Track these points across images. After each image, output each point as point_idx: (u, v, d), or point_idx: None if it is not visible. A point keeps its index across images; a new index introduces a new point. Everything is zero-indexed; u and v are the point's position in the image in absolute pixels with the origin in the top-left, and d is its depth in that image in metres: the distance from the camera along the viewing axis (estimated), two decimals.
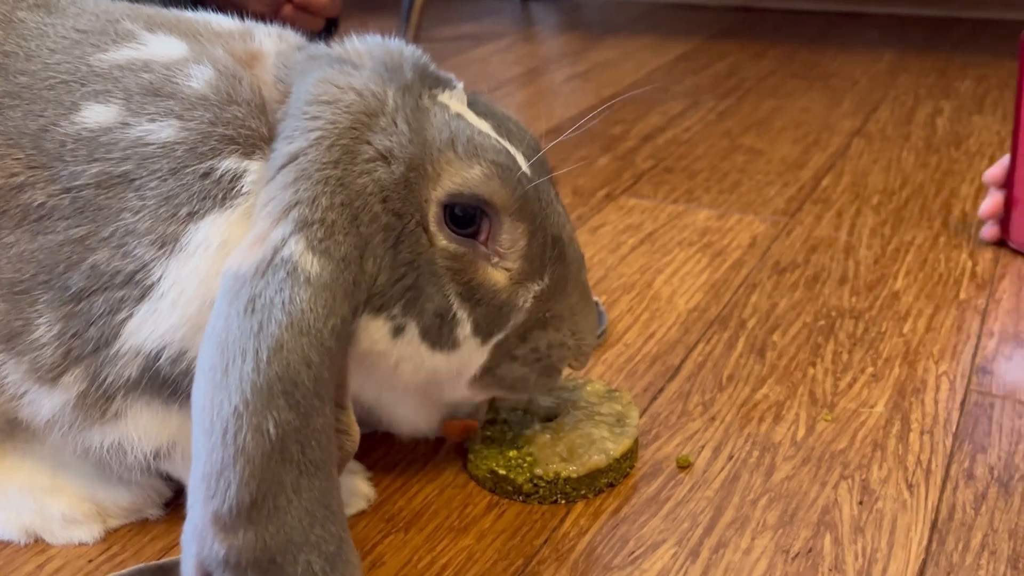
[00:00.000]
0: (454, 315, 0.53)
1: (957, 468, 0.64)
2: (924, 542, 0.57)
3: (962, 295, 0.87)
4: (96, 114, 0.50)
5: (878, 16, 2.11)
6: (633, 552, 0.57)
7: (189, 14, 0.57)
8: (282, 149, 0.49)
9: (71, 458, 0.59)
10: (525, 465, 0.61)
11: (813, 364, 0.76)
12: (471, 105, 0.57)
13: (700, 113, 1.44)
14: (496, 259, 0.54)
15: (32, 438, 0.60)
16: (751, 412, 0.70)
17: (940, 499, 0.61)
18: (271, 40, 0.56)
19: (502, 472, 0.61)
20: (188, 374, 0.50)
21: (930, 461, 0.64)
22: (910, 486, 0.62)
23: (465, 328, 0.53)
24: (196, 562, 0.43)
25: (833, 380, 0.74)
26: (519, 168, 0.54)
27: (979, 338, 0.79)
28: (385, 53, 0.54)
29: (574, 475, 0.60)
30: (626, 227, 1.04)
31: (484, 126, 0.55)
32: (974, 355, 0.77)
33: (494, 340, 0.55)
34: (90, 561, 0.58)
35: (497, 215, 0.53)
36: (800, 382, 0.74)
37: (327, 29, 1.42)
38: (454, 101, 0.55)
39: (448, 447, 0.67)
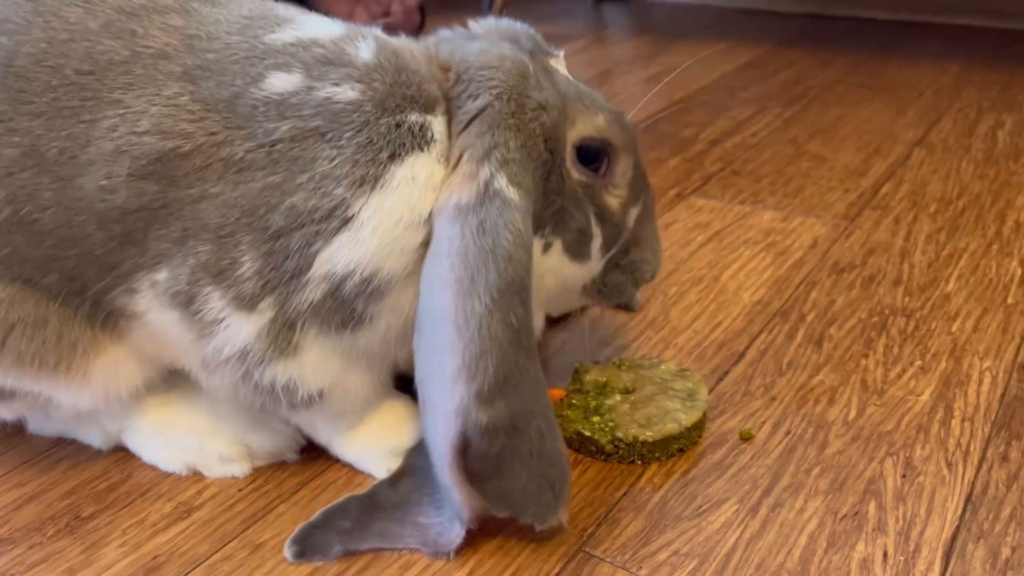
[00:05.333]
0: (591, 232, 0.67)
1: (993, 451, 0.71)
2: (959, 511, 0.65)
3: (1010, 300, 0.93)
4: (281, 81, 0.59)
5: (945, 26, 2.14)
6: (701, 507, 0.66)
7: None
8: (469, 105, 0.61)
9: (225, 408, 0.70)
10: (607, 429, 0.71)
11: (866, 355, 0.84)
12: None
13: (767, 119, 1.52)
14: (611, 188, 0.68)
15: (192, 389, 0.71)
16: (808, 395, 0.78)
17: (976, 476, 0.69)
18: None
19: (587, 434, 0.71)
20: (370, 296, 0.60)
21: (969, 444, 0.72)
22: (949, 464, 0.70)
23: (597, 242, 0.68)
24: (457, 432, 0.55)
25: (884, 370, 0.82)
26: (625, 114, 0.68)
27: (1023, 339, 0.86)
28: (504, 29, 0.68)
29: (650, 439, 0.70)
30: (695, 225, 1.12)
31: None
32: (1016, 354, 0.84)
33: (609, 254, 0.70)
34: (240, 490, 0.68)
35: (616, 153, 0.67)
36: (853, 371, 0.82)
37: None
38: (560, 65, 0.69)
39: None
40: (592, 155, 0.66)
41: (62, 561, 0.62)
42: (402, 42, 0.65)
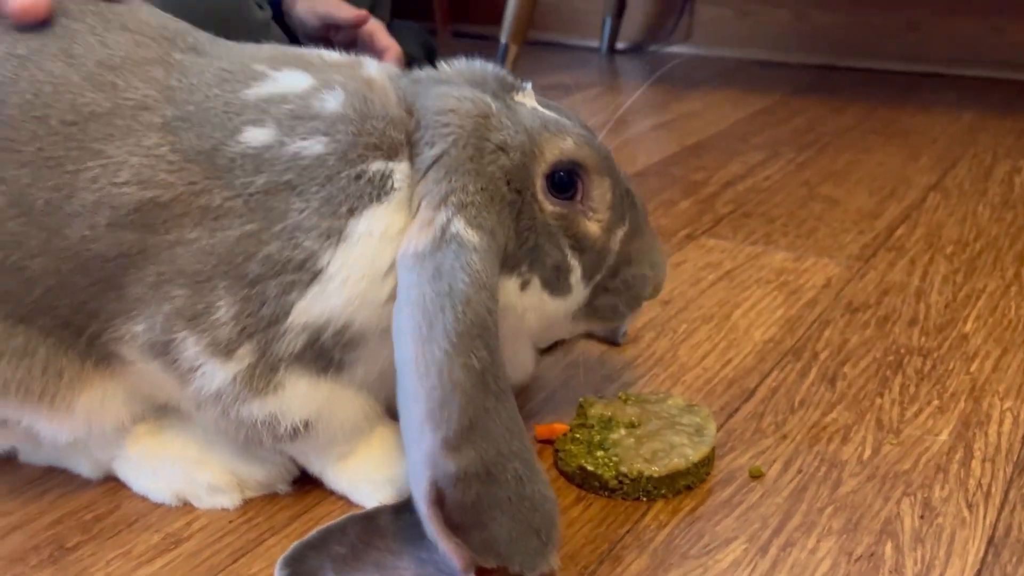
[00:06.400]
0: (568, 265, 0.65)
1: (1016, 493, 0.68)
2: (980, 554, 0.62)
3: None
4: (256, 136, 0.60)
5: (958, 77, 2.14)
6: (708, 545, 0.63)
7: (303, 50, 0.67)
8: (427, 153, 0.60)
9: (216, 437, 0.68)
10: (612, 463, 0.68)
11: (881, 394, 0.81)
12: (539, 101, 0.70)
13: (780, 163, 1.51)
14: (591, 213, 0.66)
15: (183, 418, 0.69)
16: (820, 433, 0.76)
17: (998, 518, 0.65)
18: (376, 68, 0.67)
19: (590, 468, 0.68)
20: (346, 346, 0.61)
21: (990, 485, 0.69)
22: (970, 505, 0.67)
23: (576, 274, 0.66)
24: (429, 483, 0.54)
25: (900, 409, 0.79)
26: (596, 136, 0.68)
27: None
28: (471, 71, 0.67)
29: (656, 475, 0.67)
30: (706, 264, 1.10)
31: (553, 113, 0.68)
32: None
33: (594, 281, 0.68)
34: (230, 522, 0.66)
35: (589, 175, 0.66)
36: (868, 410, 0.79)
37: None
38: (528, 98, 0.68)
39: (539, 447, 0.74)
40: (565, 182, 0.65)
41: None
42: (380, 84, 0.64)
